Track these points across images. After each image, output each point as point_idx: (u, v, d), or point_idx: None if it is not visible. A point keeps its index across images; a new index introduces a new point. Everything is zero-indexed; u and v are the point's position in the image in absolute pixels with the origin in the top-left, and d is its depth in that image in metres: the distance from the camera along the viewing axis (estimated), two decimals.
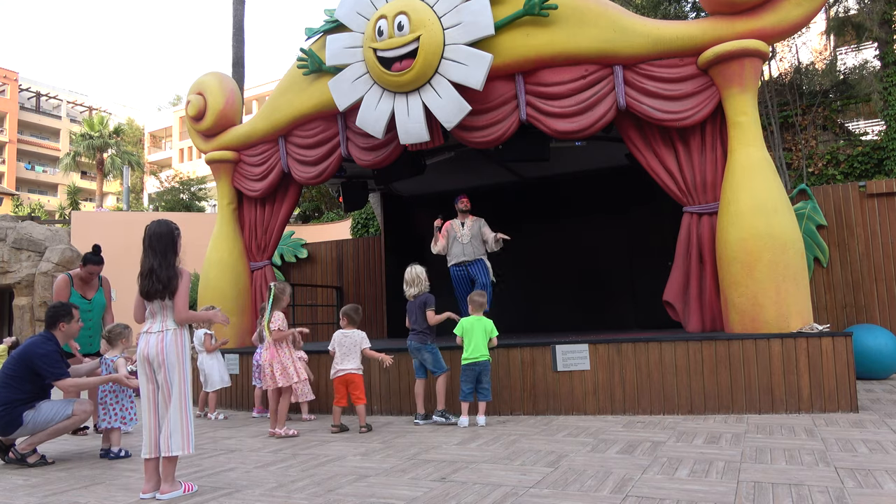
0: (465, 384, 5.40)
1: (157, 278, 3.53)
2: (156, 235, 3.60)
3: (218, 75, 8.43)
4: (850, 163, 12.84)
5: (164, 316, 3.60)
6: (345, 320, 5.63)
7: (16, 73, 45.27)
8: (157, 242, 3.58)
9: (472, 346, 5.39)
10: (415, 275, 5.75)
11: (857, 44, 15.19)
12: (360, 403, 5.47)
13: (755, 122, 5.76)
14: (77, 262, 16.23)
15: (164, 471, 3.51)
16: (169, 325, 3.59)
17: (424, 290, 5.74)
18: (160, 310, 3.60)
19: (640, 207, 9.07)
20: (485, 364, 5.40)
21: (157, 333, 3.57)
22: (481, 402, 5.41)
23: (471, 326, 5.45)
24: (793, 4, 5.59)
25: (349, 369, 5.47)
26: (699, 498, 2.97)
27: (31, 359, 4.51)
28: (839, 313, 8.12)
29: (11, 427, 4.44)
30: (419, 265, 5.84)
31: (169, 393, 3.55)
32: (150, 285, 3.53)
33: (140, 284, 3.56)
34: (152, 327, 3.60)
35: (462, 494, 3.24)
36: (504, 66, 6.24)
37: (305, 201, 22.49)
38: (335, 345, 5.54)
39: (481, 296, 5.63)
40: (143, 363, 3.57)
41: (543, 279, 9.82)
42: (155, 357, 3.53)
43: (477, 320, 5.48)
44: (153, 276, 3.53)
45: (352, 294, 11.33)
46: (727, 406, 5.28)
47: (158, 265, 3.55)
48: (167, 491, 3.47)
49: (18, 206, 35.04)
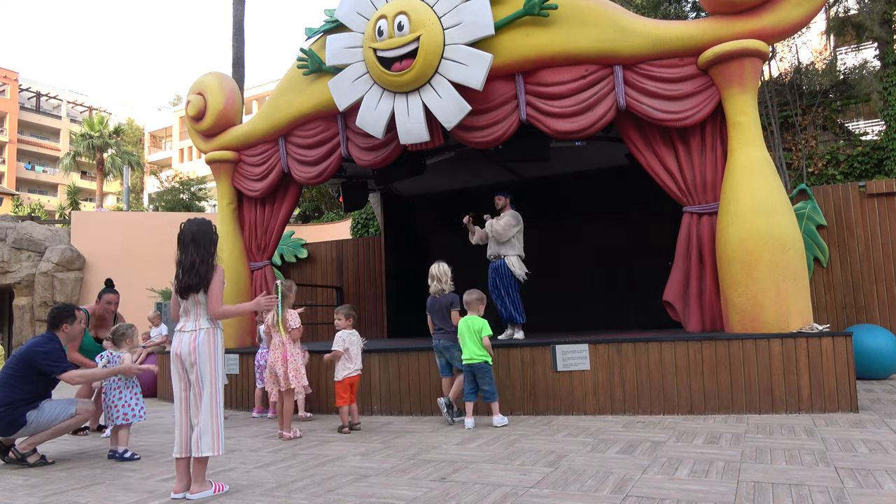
0: (466, 384, 5.39)
1: (197, 272, 3.54)
2: (200, 232, 3.63)
3: (218, 75, 8.43)
4: (850, 163, 12.84)
5: (198, 314, 3.60)
6: (350, 321, 5.56)
7: (16, 73, 45.26)
8: (201, 238, 3.61)
9: (466, 347, 5.33)
10: (442, 271, 5.63)
11: (857, 44, 15.19)
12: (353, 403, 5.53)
13: (755, 122, 5.76)
14: (77, 261, 16.24)
15: (194, 471, 3.52)
16: (202, 324, 3.59)
17: (450, 289, 5.62)
18: (193, 307, 3.60)
19: (640, 207, 9.07)
20: (479, 366, 5.26)
21: (190, 332, 3.57)
22: (492, 403, 5.30)
23: (463, 328, 5.36)
24: (793, 4, 5.59)
25: (358, 369, 5.49)
26: (699, 498, 2.97)
27: (34, 357, 4.51)
28: (839, 313, 8.11)
29: (15, 427, 4.44)
30: (445, 263, 5.74)
31: (200, 392, 3.54)
32: (190, 279, 3.54)
33: (180, 280, 3.56)
34: (185, 326, 3.61)
35: (462, 494, 3.24)
36: (504, 66, 6.24)
37: (305, 201, 22.49)
38: (349, 344, 5.44)
39: (470, 294, 5.47)
40: (175, 361, 3.58)
41: (543, 279, 9.81)
42: (187, 356, 3.53)
43: (467, 321, 5.37)
44: (194, 270, 3.55)
45: (352, 294, 11.33)
46: (727, 406, 5.28)
47: (201, 260, 3.56)
48: (197, 491, 3.48)
49: (18, 206, 35.04)
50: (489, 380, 5.30)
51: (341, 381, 5.41)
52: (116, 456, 4.63)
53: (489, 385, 5.29)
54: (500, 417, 5.28)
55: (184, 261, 3.58)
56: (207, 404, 3.53)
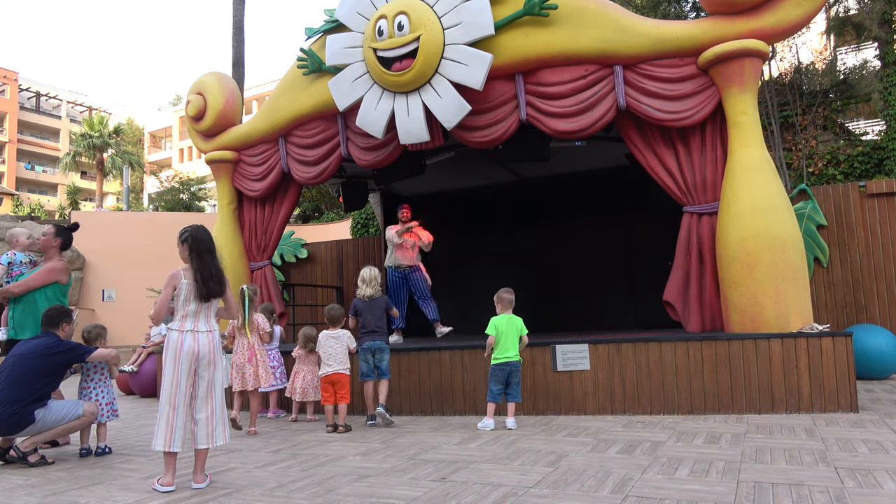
0: (496, 384, 5.21)
1: (220, 281, 3.77)
2: (210, 240, 3.82)
3: (218, 75, 8.43)
4: (850, 163, 12.84)
5: (208, 315, 3.78)
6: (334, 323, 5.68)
7: (16, 73, 45.26)
8: (213, 246, 3.81)
9: (505, 346, 5.21)
10: (374, 275, 5.79)
11: (857, 44, 15.20)
12: (345, 402, 5.51)
13: (755, 122, 5.76)
14: (77, 261, 16.24)
15: (200, 463, 3.70)
16: (213, 325, 3.79)
17: (379, 292, 5.81)
18: (204, 309, 3.76)
19: (640, 207, 9.06)
20: (516, 364, 5.21)
21: (207, 333, 3.74)
22: (510, 404, 5.23)
23: (504, 326, 5.26)
24: (793, 4, 5.59)
25: (338, 370, 5.50)
26: (699, 498, 2.97)
27: (55, 353, 4.59)
28: (839, 313, 8.11)
29: (22, 425, 4.45)
30: (375, 267, 5.92)
31: (212, 388, 3.73)
32: (215, 286, 3.74)
33: (207, 288, 3.70)
34: (198, 326, 3.72)
35: (462, 494, 3.24)
36: (504, 66, 6.24)
37: (305, 201, 22.50)
38: (321, 347, 5.59)
39: (509, 293, 5.43)
40: (188, 359, 3.66)
41: (543, 279, 9.82)
42: (206, 355, 3.70)
43: (509, 319, 5.28)
44: (215, 278, 3.74)
45: (352, 294, 11.30)
46: (727, 406, 5.28)
47: (216, 268, 3.77)
48: (202, 481, 3.67)
49: (18, 206, 35.06)
50: (519, 380, 5.28)
51: (321, 380, 5.56)
52: (99, 452, 4.82)
53: (519, 385, 5.28)
54: (513, 420, 5.19)
55: (204, 269, 3.73)
56: (219, 399, 3.76)
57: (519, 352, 5.25)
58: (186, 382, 3.66)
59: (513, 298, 5.41)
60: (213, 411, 3.72)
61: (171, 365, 3.64)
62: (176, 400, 3.62)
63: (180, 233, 3.83)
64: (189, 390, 3.68)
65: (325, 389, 5.55)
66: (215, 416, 3.72)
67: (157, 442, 3.58)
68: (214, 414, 3.72)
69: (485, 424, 5.17)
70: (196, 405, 3.70)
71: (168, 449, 3.58)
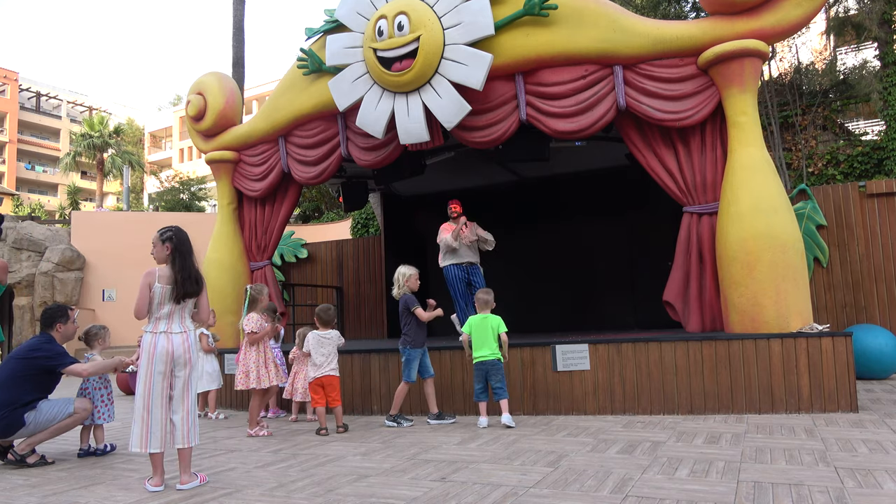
0: (476, 383, 5.38)
1: (197, 281, 3.79)
2: (189, 241, 3.83)
3: (218, 75, 8.43)
4: (849, 163, 12.84)
5: (182, 316, 3.79)
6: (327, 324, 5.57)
7: (16, 73, 45.26)
8: (191, 247, 3.82)
9: (478, 345, 5.36)
10: (398, 274, 5.73)
11: (856, 44, 15.20)
12: (337, 405, 5.47)
13: (755, 122, 5.76)
14: (77, 261, 16.24)
15: (185, 462, 3.70)
16: (189, 326, 3.81)
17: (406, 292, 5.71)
18: (179, 310, 3.77)
19: (640, 207, 9.07)
20: (492, 363, 5.29)
21: (181, 333, 3.74)
22: (502, 401, 5.26)
23: (477, 325, 5.41)
24: (793, 4, 5.59)
25: (328, 372, 5.45)
26: (699, 498, 2.97)
27: (35, 357, 4.53)
28: (839, 313, 8.12)
29: (13, 428, 4.43)
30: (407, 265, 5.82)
31: (187, 389, 3.75)
32: (192, 287, 3.75)
33: (185, 287, 3.72)
34: (173, 327, 3.73)
35: (462, 494, 3.24)
36: (504, 66, 6.24)
37: (305, 201, 22.50)
38: (311, 347, 5.48)
39: (487, 293, 5.55)
40: (163, 361, 3.66)
41: (543, 279, 9.82)
42: (181, 355, 3.71)
43: (483, 318, 5.41)
44: (193, 279, 3.76)
45: (352, 294, 11.34)
46: (727, 406, 5.28)
47: (196, 270, 3.80)
48: (188, 482, 3.67)
49: (18, 206, 35.05)
50: (501, 377, 5.31)
51: (311, 383, 5.50)
52: (98, 452, 4.80)
53: (501, 382, 5.30)
54: (508, 416, 5.22)
55: (184, 269, 3.74)
56: (192, 400, 3.78)
57: (500, 350, 5.33)
58: (162, 384, 3.66)
59: (489, 299, 5.52)
60: (189, 411, 3.73)
61: (145, 367, 3.65)
62: (150, 402, 3.63)
63: (161, 231, 3.81)
64: (166, 391, 3.68)
65: (315, 391, 5.45)
66: (190, 417, 3.72)
67: (133, 443, 3.60)
68: (190, 414, 3.73)
69: (480, 422, 5.29)
70: (172, 406, 3.71)
71: (144, 450, 3.59)
